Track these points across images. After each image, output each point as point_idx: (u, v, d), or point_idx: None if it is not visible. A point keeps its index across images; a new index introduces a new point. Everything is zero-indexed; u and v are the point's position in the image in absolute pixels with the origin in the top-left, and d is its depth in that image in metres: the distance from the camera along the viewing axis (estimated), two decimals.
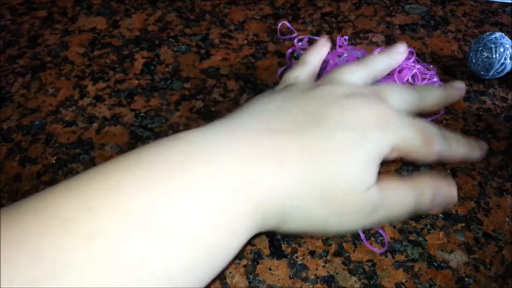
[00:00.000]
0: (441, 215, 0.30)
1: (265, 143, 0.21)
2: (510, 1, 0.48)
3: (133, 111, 0.38)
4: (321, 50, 0.33)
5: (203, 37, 0.46)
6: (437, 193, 0.25)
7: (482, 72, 0.38)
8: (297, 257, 0.28)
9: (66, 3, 0.51)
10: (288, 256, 0.28)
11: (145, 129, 0.37)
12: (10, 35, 0.47)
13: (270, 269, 0.28)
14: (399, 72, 0.38)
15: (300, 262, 0.28)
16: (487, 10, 0.48)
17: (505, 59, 0.36)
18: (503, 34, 0.37)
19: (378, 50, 0.39)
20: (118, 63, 0.43)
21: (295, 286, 0.27)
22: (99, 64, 0.43)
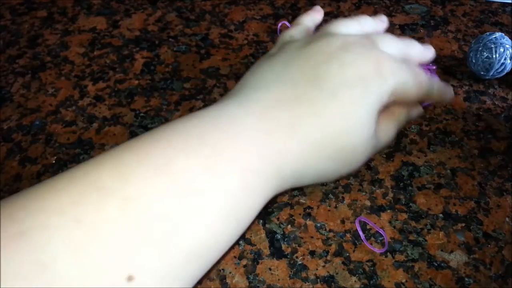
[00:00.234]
0: (441, 215, 0.30)
1: (278, 115, 0.22)
2: (510, 1, 0.48)
3: (133, 111, 0.38)
4: (316, 15, 0.33)
5: (203, 37, 0.46)
6: (410, 116, 0.29)
7: (482, 72, 0.38)
8: (297, 257, 0.28)
9: (66, 3, 0.51)
10: (288, 256, 0.28)
11: (145, 129, 0.37)
12: (10, 35, 0.47)
13: (270, 269, 0.28)
14: None
15: (300, 262, 0.28)
16: (487, 10, 0.48)
17: (505, 59, 0.36)
18: (503, 34, 0.37)
19: None
20: (118, 63, 0.43)
21: (295, 286, 0.27)
22: (99, 64, 0.43)
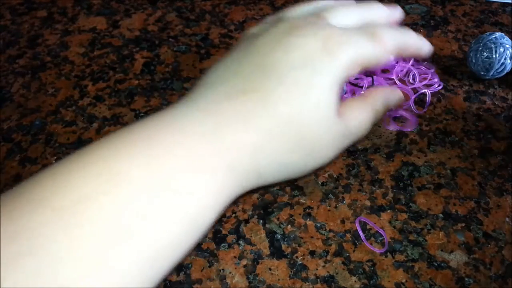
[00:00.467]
0: (441, 215, 0.30)
1: (227, 108, 0.21)
2: (510, 1, 0.48)
3: (133, 111, 0.38)
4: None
5: (203, 37, 0.46)
6: (388, 102, 0.27)
7: (482, 72, 0.38)
8: (297, 257, 0.28)
9: (66, 3, 0.51)
10: (288, 256, 0.28)
11: None
12: (10, 35, 0.47)
13: (270, 269, 0.28)
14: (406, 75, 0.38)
15: (300, 262, 0.28)
16: (487, 10, 0.47)
17: (505, 59, 0.36)
18: (503, 34, 0.37)
19: None
20: (118, 63, 0.43)
21: (295, 286, 0.27)
22: (99, 64, 0.43)
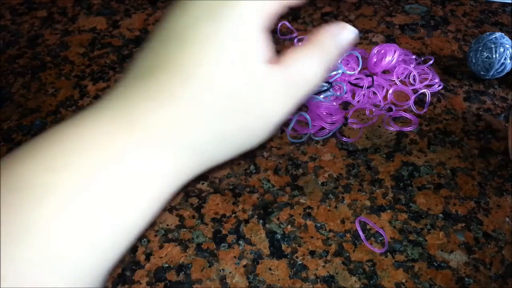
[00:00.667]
0: (441, 215, 0.30)
1: (138, 89, 0.19)
2: (510, 1, 0.48)
3: None
4: None
5: None
6: (339, 40, 0.22)
7: (482, 72, 0.38)
8: (297, 257, 0.28)
9: (66, 3, 0.51)
10: (288, 256, 0.28)
11: None
12: (10, 35, 0.47)
13: (270, 269, 0.28)
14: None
15: (300, 262, 0.28)
16: (487, 10, 0.47)
17: (505, 59, 0.36)
18: (503, 34, 0.37)
19: (377, 49, 0.39)
20: (118, 63, 0.43)
21: (295, 286, 0.27)
22: (99, 64, 0.43)
